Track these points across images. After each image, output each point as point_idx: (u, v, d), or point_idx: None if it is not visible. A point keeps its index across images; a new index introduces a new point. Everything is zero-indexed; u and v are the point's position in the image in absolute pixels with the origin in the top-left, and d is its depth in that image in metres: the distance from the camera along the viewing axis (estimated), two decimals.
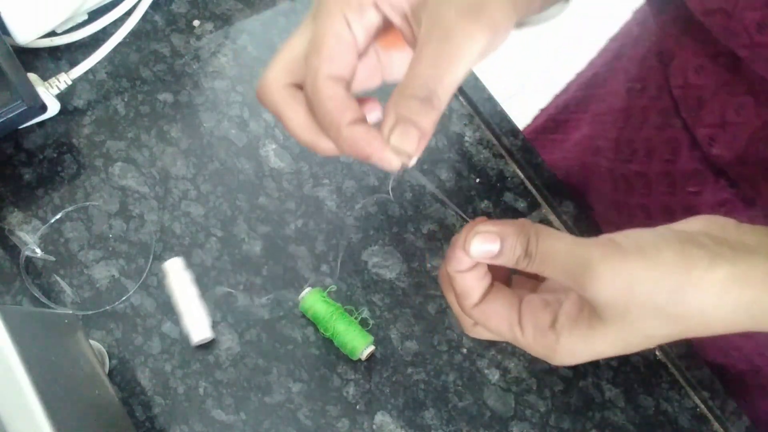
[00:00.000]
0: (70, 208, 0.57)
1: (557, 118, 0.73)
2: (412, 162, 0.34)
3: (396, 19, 0.36)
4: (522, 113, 0.84)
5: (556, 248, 0.34)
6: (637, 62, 0.57)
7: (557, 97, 0.77)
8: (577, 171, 0.66)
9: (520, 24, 0.41)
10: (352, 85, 0.38)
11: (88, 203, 0.57)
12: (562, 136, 0.72)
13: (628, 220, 0.58)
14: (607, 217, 0.61)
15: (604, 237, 0.34)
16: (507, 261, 0.35)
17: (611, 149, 0.58)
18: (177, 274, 0.54)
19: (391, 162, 0.34)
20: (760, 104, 0.44)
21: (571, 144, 0.68)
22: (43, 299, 0.53)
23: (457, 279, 0.37)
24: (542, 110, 0.80)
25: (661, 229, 0.34)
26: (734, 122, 0.45)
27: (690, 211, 0.49)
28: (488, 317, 0.37)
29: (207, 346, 0.54)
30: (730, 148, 0.46)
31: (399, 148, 0.33)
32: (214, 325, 0.54)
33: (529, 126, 0.81)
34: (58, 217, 0.56)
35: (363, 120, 0.35)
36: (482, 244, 0.35)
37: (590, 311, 0.34)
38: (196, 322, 0.53)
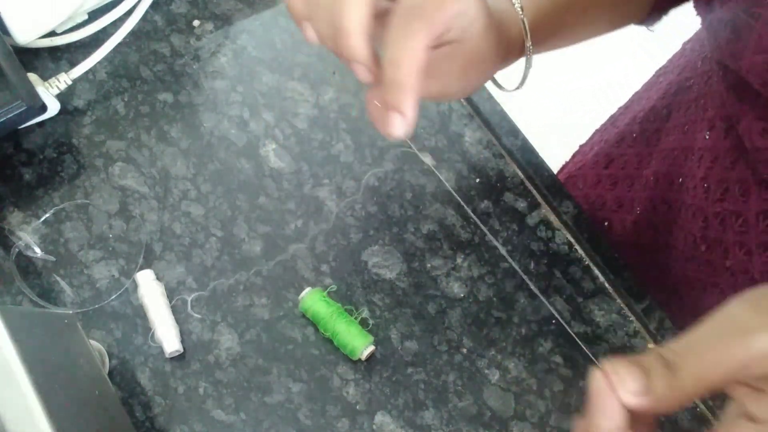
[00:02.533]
0: (61, 205, 0.57)
1: (610, 153, 0.72)
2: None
3: None
4: (521, 113, 0.85)
5: (698, 334, 0.30)
6: (716, 101, 0.55)
7: (603, 131, 0.76)
8: (650, 206, 0.64)
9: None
10: None
11: (79, 201, 0.57)
12: (620, 171, 0.70)
13: (722, 256, 0.56)
14: (689, 252, 0.59)
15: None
16: (656, 386, 0.31)
17: (700, 188, 0.57)
18: (148, 286, 0.54)
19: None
20: None
21: (641, 179, 0.67)
22: (35, 298, 0.53)
23: None
24: (582, 146, 0.79)
25: None
26: None
27: None
28: None
29: (207, 346, 0.54)
30: None
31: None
32: (214, 325, 0.54)
33: (571, 161, 0.80)
34: (50, 213, 0.56)
35: None
36: (630, 381, 0.31)
37: None
38: (167, 336, 0.52)
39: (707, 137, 0.56)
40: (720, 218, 0.54)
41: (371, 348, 0.54)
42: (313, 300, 0.54)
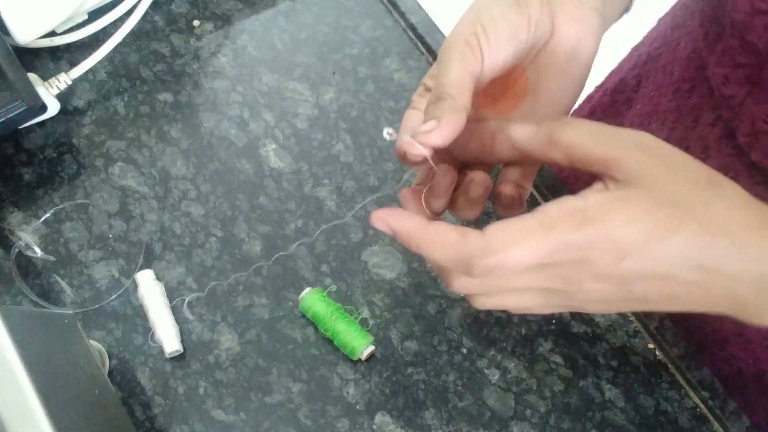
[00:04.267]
0: (61, 205, 0.57)
1: None
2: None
3: None
4: None
5: (599, 126, 0.35)
6: (681, 63, 0.56)
7: (579, 110, 0.77)
8: None
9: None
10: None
11: (79, 201, 0.57)
12: None
13: None
14: None
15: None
16: (541, 134, 0.36)
17: None
18: (148, 286, 0.54)
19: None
20: None
21: None
22: (35, 298, 0.53)
23: (443, 236, 0.35)
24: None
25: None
26: (765, 131, 0.45)
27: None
28: (505, 226, 0.34)
29: (207, 346, 0.54)
30: (766, 155, 0.46)
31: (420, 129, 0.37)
32: (214, 325, 0.54)
33: None
34: (50, 213, 0.56)
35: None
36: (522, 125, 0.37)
37: (617, 185, 0.33)
38: (167, 336, 0.52)
39: (671, 99, 0.56)
40: None
41: (371, 348, 0.54)
42: (313, 300, 0.54)
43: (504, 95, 0.44)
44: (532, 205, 0.60)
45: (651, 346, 0.57)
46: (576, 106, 0.78)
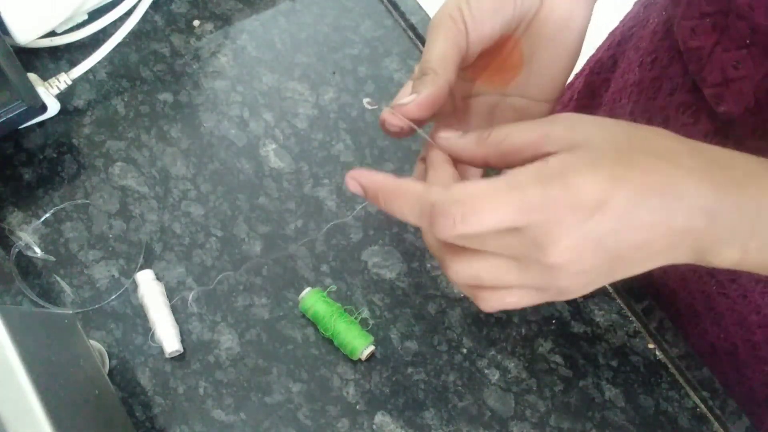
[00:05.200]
0: (61, 205, 0.57)
1: (562, 111, 0.74)
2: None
3: None
4: None
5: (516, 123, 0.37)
6: (647, 37, 0.57)
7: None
8: None
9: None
10: None
11: (79, 201, 0.57)
12: None
13: None
14: None
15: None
16: (469, 136, 0.38)
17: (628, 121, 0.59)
18: (148, 286, 0.54)
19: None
20: (756, 56, 0.44)
21: None
22: (35, 298, 0.53)
23: (406, 186, 0.35)
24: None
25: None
26: (735, 78, 0.45)
27: None
28: (471, 184, 0.34)
29: (207, 346, 0.54)
30: (737, 103, 0.46)
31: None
32: (214, 325, 0.54)
33: None
34: (50, 213, 0.56)
35: None
36: (446, 128, 0.39)
37: (565, 151, 0.34)
38: (167, 336, 0.52)
39: (636, 73, 0.57)
40: None
41: (371, 348, 0.54)
42: (313, 300, 0.54)
43: (499, 68, 0.44)
44: None
45: (651, 346, 0.57)
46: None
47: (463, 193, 0.33)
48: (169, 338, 0.52)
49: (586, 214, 0.32)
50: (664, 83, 0.53)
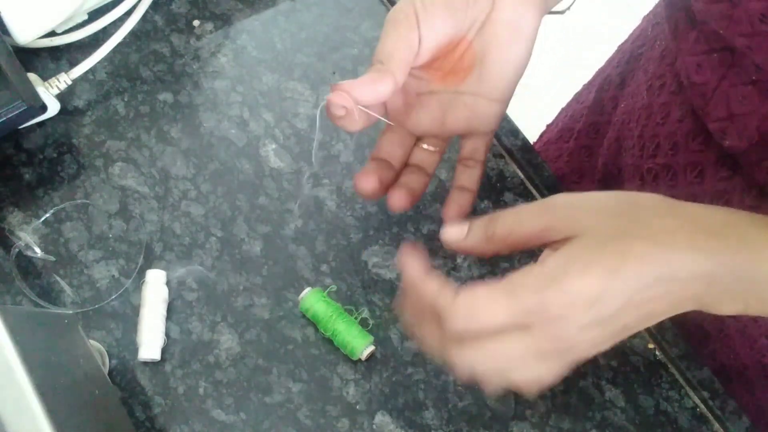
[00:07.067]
0: (61, 205, 0.57)
1: (573, 127, 0.73)
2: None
3: None
4: (520, 110, 0.85)
5: (519, 208, 0.40)
6: (655, 61, 0.58)
7: (567, 107, 0.77)
8: (605, 173, 0.66)
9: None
10: None
11: (79, 201, 0.57)
12: (577, 143, 0.72)
13: None
14: None
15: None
16: (475, 235, 0.41)
17: (637, 146, 0.59)
18: (154, 286, 0.54)
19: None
20: (762, 92, 0.44)
21: (600, 148, 0.69)
22: (34, 298, 0.53)
23: (430, 281, 0.38)
24: (556, 117, 0.80)
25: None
26: (741, 113, 0.46)
27: (719, 198, 0.51)
28: (474, 291, 0.36)
29: (207, 346, 0.54)
30: (741, 138, 0.46)
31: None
32: (214, 325, 0.54)
33: (541, 137, 0.82)
34: (50, 213, 0.56)
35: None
36: (452, 229, 0.42)
37: (566, 245, 0.37)
38: (152, 340, 0.52)
39: (644, 96, 0.58)
40: (653, 174, 0.56)
41: (371, 348, 0.54)
42: (313, 300, 0.54)
43: (453, 69, 0.46)
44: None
45: (651, 346, 0.57)
46: (565, 104, 0.79)
47: (465, 308, 0.36)
48: (148, 343, 0.52)
49: (586, 307, 0.35)
50: (672, 109, 0.54)
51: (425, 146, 0.50)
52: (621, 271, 0.35)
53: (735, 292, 0.37)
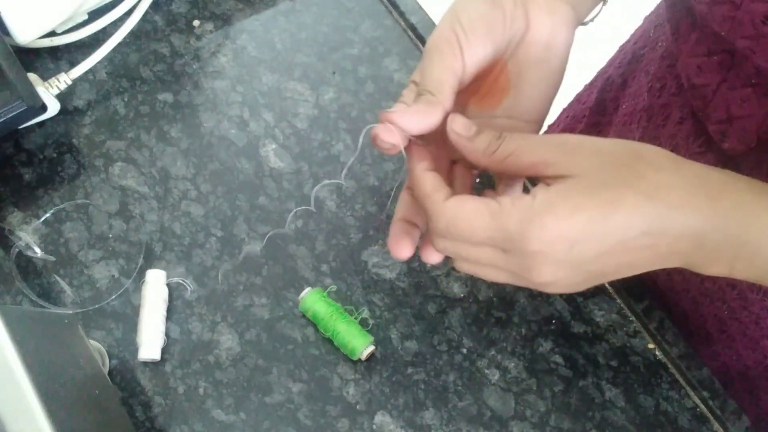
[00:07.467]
0: (61, 205, 0.57)
1: (574, 128, 0.74)
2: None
3: None
4: None
5: (527, 135, 0.40)
6: (656, 62, 0.58)
7: (569, 108, 0.77)
8: None
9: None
10: None
11: (79, 201, 0.57)
12: None
13: None
14: None
15: None
16: (479, 141, 0.40)
17: None
18: (154, 286, 0.54)
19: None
20: (761, 95, 0.44)
21: None
22: (34, 298, 0.53)
23: (427, 176, 0.39)
24: (558, 118, 0.80)
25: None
26: (740, 115, 0.46)
27: None
28: (462, 202, 0.37)
29: (207, 346, 0.54)
30: (740, 140, 0.46)
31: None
32: (214, 325, 0.54)
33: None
34: (50, 213, 0.56)
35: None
36: (463, 121, 0.41)
37: (554, 181, 0.37)
38: (152, 340, 0.52)
39: (645, 98, 0.57)
40: None
41: (371, 348, 0.54)
42: (313, 300, 0.54)
43: (488, 92, 0.46)
44: None
45: (651, 346, 0.57)
46: (567, 105, 0.79)
47: (452, 211, 0.38)
48: (148, 343, 0.52)
49: (565, 248, 0.35)
50: (673, 111, 0.54)
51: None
52: (608, 219, 0.35)
53: (723, 254, 0.37)
